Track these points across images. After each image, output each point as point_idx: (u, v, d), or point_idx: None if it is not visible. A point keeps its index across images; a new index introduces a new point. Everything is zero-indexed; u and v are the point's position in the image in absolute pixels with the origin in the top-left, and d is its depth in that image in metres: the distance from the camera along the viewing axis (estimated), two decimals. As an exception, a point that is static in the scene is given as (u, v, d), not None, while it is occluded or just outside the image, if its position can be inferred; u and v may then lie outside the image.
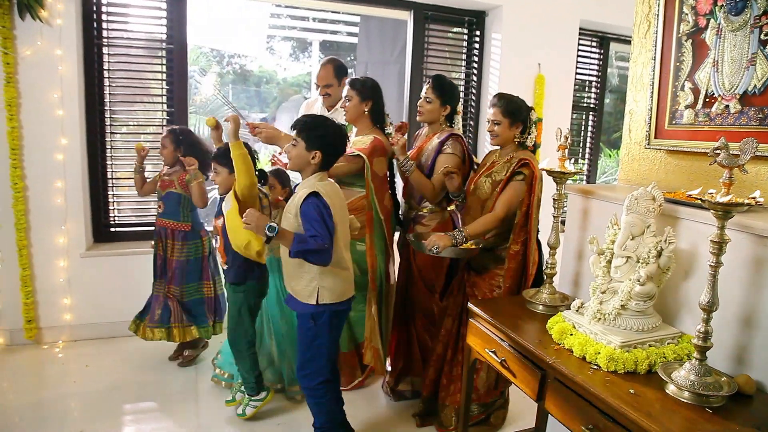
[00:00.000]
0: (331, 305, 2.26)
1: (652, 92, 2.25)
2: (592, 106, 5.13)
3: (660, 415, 1.38)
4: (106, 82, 3.67)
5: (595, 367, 1.64)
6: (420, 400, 2.94)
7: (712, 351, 1.52)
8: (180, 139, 3.21)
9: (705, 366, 1.49)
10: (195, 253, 3.32)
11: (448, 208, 3.01)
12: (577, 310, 1.88)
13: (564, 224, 2.64)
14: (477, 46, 4.57)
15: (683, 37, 2.12)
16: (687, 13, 2.09)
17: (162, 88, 3.81)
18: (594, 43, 4.97)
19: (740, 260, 1.64)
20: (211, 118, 2.78)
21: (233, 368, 3.02)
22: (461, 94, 4.55)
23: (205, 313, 3.38)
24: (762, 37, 1.82)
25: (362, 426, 2.84)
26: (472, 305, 2.22)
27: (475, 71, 4.60)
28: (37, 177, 3.40)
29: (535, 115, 2.66)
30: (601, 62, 5.03)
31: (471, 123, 4.66)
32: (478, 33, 4.55)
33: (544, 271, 2.24)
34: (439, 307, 2.92)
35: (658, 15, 2.20)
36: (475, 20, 4.52)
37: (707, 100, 2.03)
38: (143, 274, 3.42)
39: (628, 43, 2.43)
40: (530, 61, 4.42)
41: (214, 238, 2.79)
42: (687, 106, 2.11)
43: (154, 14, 3.73)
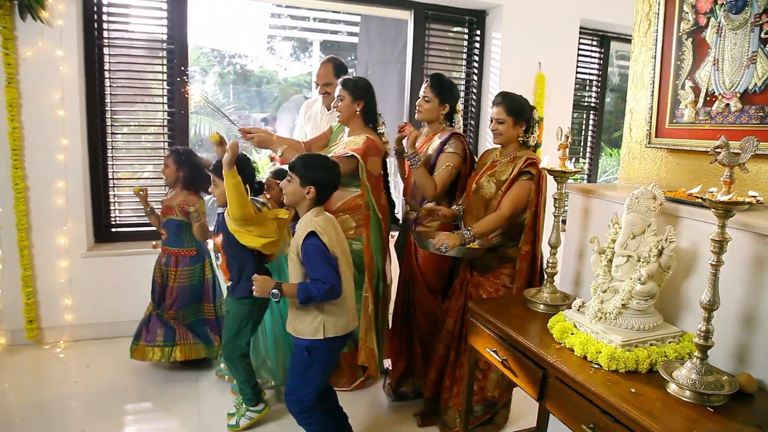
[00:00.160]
0: (329, 339, 2.26)
1: (653, 91, 2.24)
2: (592, 105, 5.13)
3: (661, 414, 1.38)
4: (107, 83, 3.67)
5: (596, 367, 1.64)
6: (422, 401, 2.94)
7: (714, 350, 1.52)
8: (182, 160, 3.18)
9: (706, 365, 1.49)
10: (198, 277, 3.31)
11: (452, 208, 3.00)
12: (578, 310, 1.88)
13: (565, 223, 2.64)
14: (477, 45, 4.57)
15: (684, 36, 2.12)
16: (687, 12, 2.09)
17: (163, 89, 3.81)
18: (594, 42, 4.97)
19: (741, 259, 1.64)
20: (214, 134, 2.73)
21: None
22: (462, 94, 4.58)
23: (209, 333, 3.33)
24: (762, 36, 1.81)
25: (363, 426, 2.84)
26: (472, 305, 2.23)
27: (476, 70, 4.60)
28: (38, 177, 3.40)
29: (537, 114, 2.67)
30: (601, 61, 5.03)
31: (472, 122, 4.66)
32: (478, 32, 4.55)
33: (545, 270, 2.24)
34: (441, 309, 2.92)
35: (659, 14, 2.20)
36: (476, 19, 4.52)
37: (708, 98, 2.03)
38: (144, 275, 3.42)
39: (629, 41, 2.43)
40: (531, 60, 4.42)
41: (216, 256, 2.78)
42: (687, 105, 2.11)
43: (155, 14, 3.74)
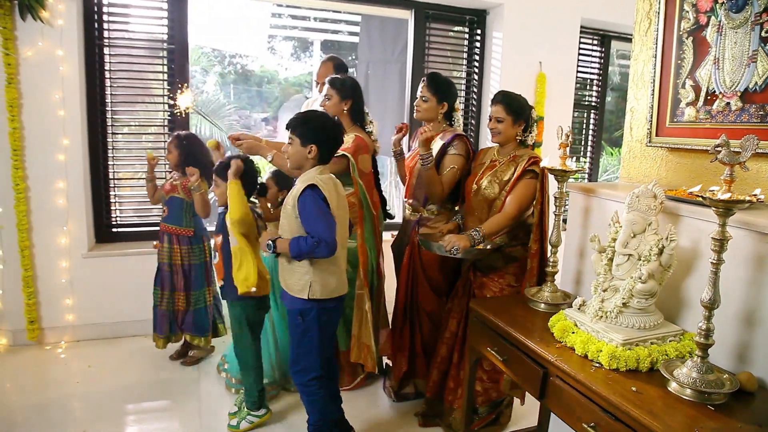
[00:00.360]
0: (321, 301, 2.25)
1: (653, 90, 2.24)
2: (593, 104, 5.12)
3: (662, 413, 1.38)
4: (108, 83, 3.67)
5: (597, 365, 1.64)
6: (423, 401, 2.94)
7: (714, 348, 1.52)
8: (184, 144, 3.21)
9: (707, 363, 1.49)
10: (200, 257, 3.34)
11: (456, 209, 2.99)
12: (579, 308, 1.88)
13: (565, 222, 2.64)
14: (478, 44, 4.57)
15: (684, 35, 2.12)
16: (688, 11, 2.09)
17: (163, 89, 3.81)
18: (595, 41, 4.96)
19: (742, 257, 1.64)
20: (212, 140, 2.87)
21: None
22: (462, 93, 4.58)
23: (207, 323, 3.39)
24: (763, 34, 1.81)
25: (364, 425, 2.84)
26: (473, 304, 2.23)
27: (477, 70, 4.60)
28: (39, 177, 3.40)
29: (535, 113, 2.67)
30: (602, 60, 5.02)
31: (472, 122, 4.65)
32: (479, 32, 4.54)
33: (546, 269, 2.24)
34: (446, 307, 2.90)
35: (659, 13, 2.20)
36: (476, 19, 4.52)
37: (708, 97, 2.03)
38: (145, 275, 3.43)
39: (629, 41, 2.43)
40: (531, 59, 4.41)
41: (213, 254, 2.80)
42: (688, 104, 2.11)
43: (155, 14, 3.73)
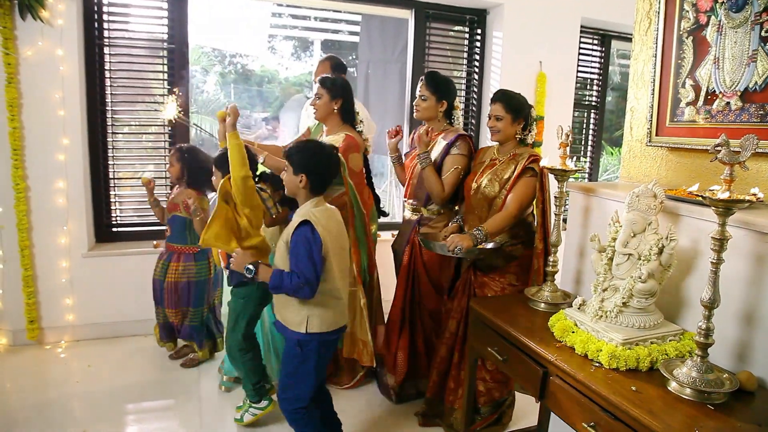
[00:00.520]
0: (320, 335, 2.21)
1: (653, 90, 2.24)
2: (593, 103, 5.12)
3: (662, 412, 1.38)
4: (108, 82, 3.67)
5: (597, 365, 1.64)
6: (423, 401, 2.94)
7: (714, 348, 1.52)
8: (186, 157, 3.21)
9: (707, 363, 1.49)
10: (204, 274, 3.33)
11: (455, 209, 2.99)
12: (579, 308, 1.88)
13: (565, 222, 2.64)
14: (478, 44, 4.57)
15: (684, 35, 2.12)
16: (688, 11, 2.09)
17: (163, 88, 3.81)
18: (595, 41, 4.96)
19: (741, 257, 1.64)
20: (221, 111, 2.73)
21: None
22: (462, 93, 4.58)
23: (202, 338, 3.40)
24: (763, 34, 1.81)
25: (364, 425, 2.85)
26: (473, 304, 2.22)
27: (477, 69, 4.60)
28: (39, 177, 3.40)
29: (535, 112, 2.67)
30: (602, 60, 5.02)
31: (473, 121, 4.65)
32: (479, 31, 4.54)
33: (546, 268, 2.24)
34: (446, 307, 2.90)
35: (659, 12, 2.20)
36: (477, 18, 4.51)
37: (708, 97, 2.03)
38: (145, 274, 3.43)
39: (630, 40, 2.43)
40: (531, 59, 4.41)
41: None
42: (688, 104, 2.11)
43: (155, 14, 3.74)
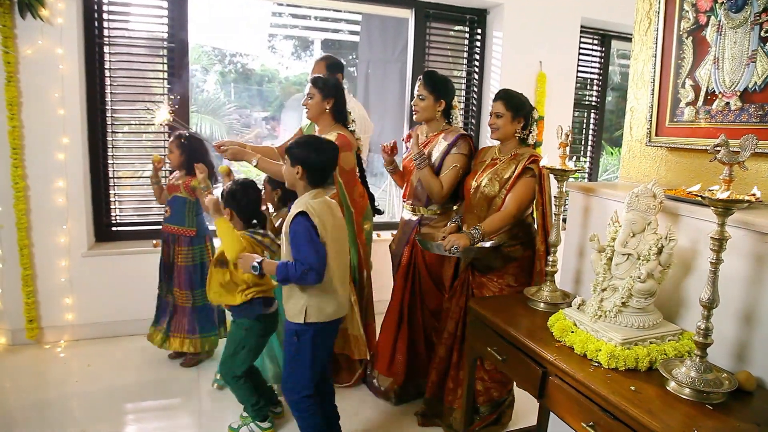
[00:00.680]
0: (317, 324, 2.24)
1: (653, 90, 2.24)
2: (593, 103, 5.12)
3: (660, 412, 1.38)
4: (108, 81, 3.67)
5: (596, 365, 1.64)
6: (422, 401, 2.94)
7: (713, 348, 1.52)
8: (185, 144, 3.21)
9: (705, 363, 1.49)
10: (200, 258, 3.32)
11: (454, 208, 2.98)
12: (578, 308, 1.88)
13: (565, 222, 2.64)
14: (478, 44, 4.57)
15: (684, 35, 2.12)
16: (687, 11, 2.09)
17: (163, 87, 3.81)
18: (595, 41, 4.96)
19: (741, 257, 1.64)
20: (224, 167, 2.87)
21: None
22: (462, 93, 4.58)
23: (214, 320, 3.40)
24: (762, 34, 1.81)
25: (363, 424, 2.84)
26: (473, 303, 2.23)
27: (477, 69, 4.60)
28: (39, 176, 3.40)
29: (536, 113, 2.66)
30: (602, 60, 5.03)
31: (473, 121, 4.65)
32: (479, 31, 4.54)
33: (545, 268, 2.24)
34: (444, 307, 2.90)
35: (659, 12, 2.20)
36: (477, 18, 4.52)
37: (708, 97, 2.03)
38: (145, 274, 3.43)
39: (630, 40, 2.43)
40: (531, 59, 4.42)
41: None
42: (688, 104, 2.11)
43: (156, 13, 3.74)
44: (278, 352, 3.04)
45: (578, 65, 4.72)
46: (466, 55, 4.64)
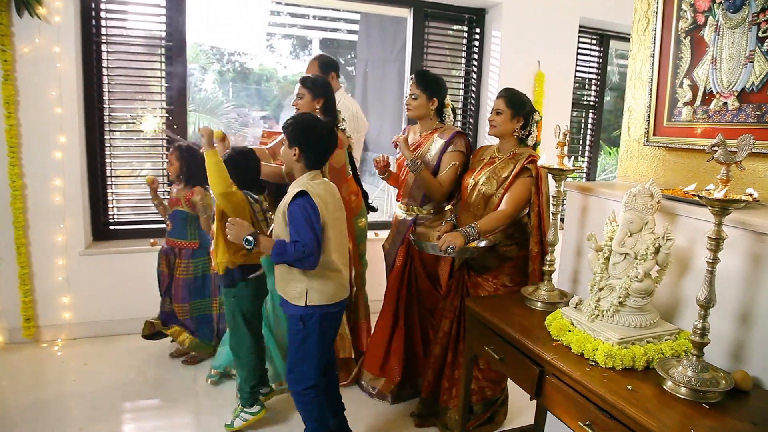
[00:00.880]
0: (321, 307, 2.22)
1: (651, 89, 2.24)
2: (591, 103, 5.13)
3: (657, 411, 1.38)
4: (105, 80, 3.66)
5: (593, 364, 1.64)
6: (418, 401, 2.93)
7: (710, 347, 1.52)
8: (185, 156, 3.21)
9: (702, 362, 1.49)
10: (203, 270, 3.33)
11: (446, 208, 2.98)
12: (576, 307, 1.88)
13: (563, 221, 2.64)
14: (477, 43, 4.57)
15: (682, 35, 2.12)
16: (685, 11, 2.09)
17: (161, 86, 3.81)
18: (594, 41, 4.97)
19: (737, 256, 1.64)
20: (218, 131, 2.83)
21: (224, 362, 3.11)
22: (461, 92, 4.58)
23: (212, 331, 3.42)
24: (760, 35, 1.81)
25: (360, 425, 2.84)
26: (470, 303, 2.23)
27: (475, 69, 4.60)
28: (36, 175, 3.39)
29: (538, 115, 2.65)
30: (600, 60, 5.03)
31: (470, 120, 4.66)
32: (478, 30, 4.55)
33: (543, 268, 2.24)
34: (439, 306, 2.90)
35: (657, 12, 2.20)
36: (475, 18, 4.52)
37: (705, 97, 2.03)
38: (142, 273, 3.42)
39: (628, 40, 2.43)
40: (530, 58, 4.42)
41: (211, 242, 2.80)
42: (685, 104, 2.11)
43: (154, 11, 3.73)
44: (275, 353, 3.04)
45: (576, 65, 4.73)
46: (464, 54, 4.64)
